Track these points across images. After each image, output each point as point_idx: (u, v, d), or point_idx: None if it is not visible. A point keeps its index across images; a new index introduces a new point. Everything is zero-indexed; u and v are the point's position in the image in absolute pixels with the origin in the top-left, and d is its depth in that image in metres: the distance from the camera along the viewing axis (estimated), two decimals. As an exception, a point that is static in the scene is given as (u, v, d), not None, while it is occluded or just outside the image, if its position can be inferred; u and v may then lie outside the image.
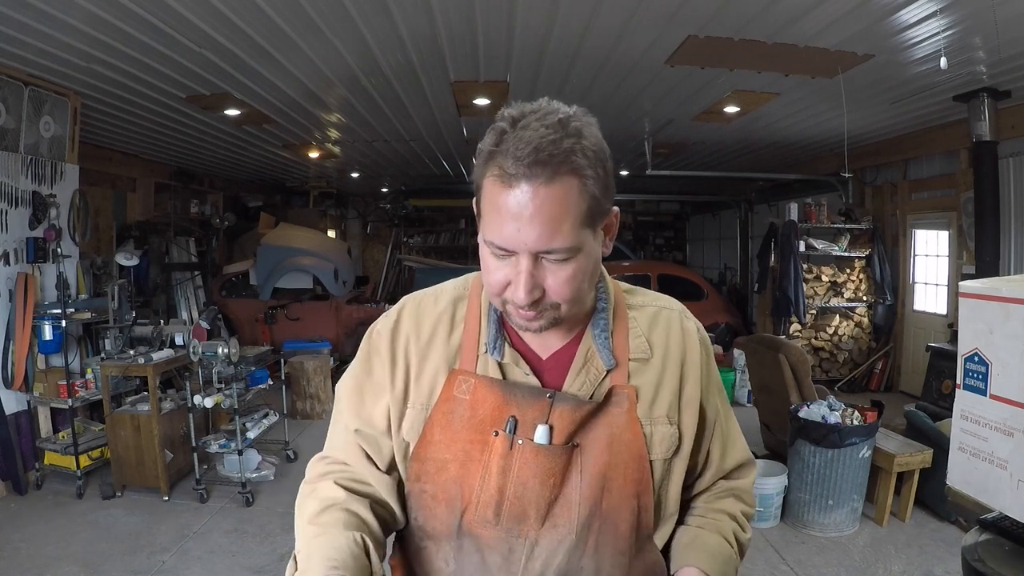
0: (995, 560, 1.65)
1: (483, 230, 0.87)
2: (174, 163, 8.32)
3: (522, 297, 0.85)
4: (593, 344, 0.98)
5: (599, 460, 0.95)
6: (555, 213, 0.82)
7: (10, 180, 4.36)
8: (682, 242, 14.65)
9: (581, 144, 0.83)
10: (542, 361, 0.99)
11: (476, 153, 0.88)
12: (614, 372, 0.97)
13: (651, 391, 0.99)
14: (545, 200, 0.81)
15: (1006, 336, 1.62)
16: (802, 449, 3.73)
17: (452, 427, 0.95)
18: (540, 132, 0.81)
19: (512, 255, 0.85)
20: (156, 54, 4.07)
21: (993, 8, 3.30)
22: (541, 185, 0.81)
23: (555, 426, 0.93)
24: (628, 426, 0.96)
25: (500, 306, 0.92)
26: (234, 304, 8.62)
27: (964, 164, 5.87)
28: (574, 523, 0.94)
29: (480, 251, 0.91)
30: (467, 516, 0.95)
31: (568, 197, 0.82)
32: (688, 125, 6.44)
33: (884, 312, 7.24)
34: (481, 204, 0.87)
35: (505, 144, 0.82)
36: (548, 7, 3.56)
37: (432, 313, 1.02)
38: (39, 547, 3.55)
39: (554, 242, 0.83)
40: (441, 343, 0.99)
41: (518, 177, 0.81)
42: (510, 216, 0.82)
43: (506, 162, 0.81)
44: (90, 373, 4.58)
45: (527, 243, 0.83)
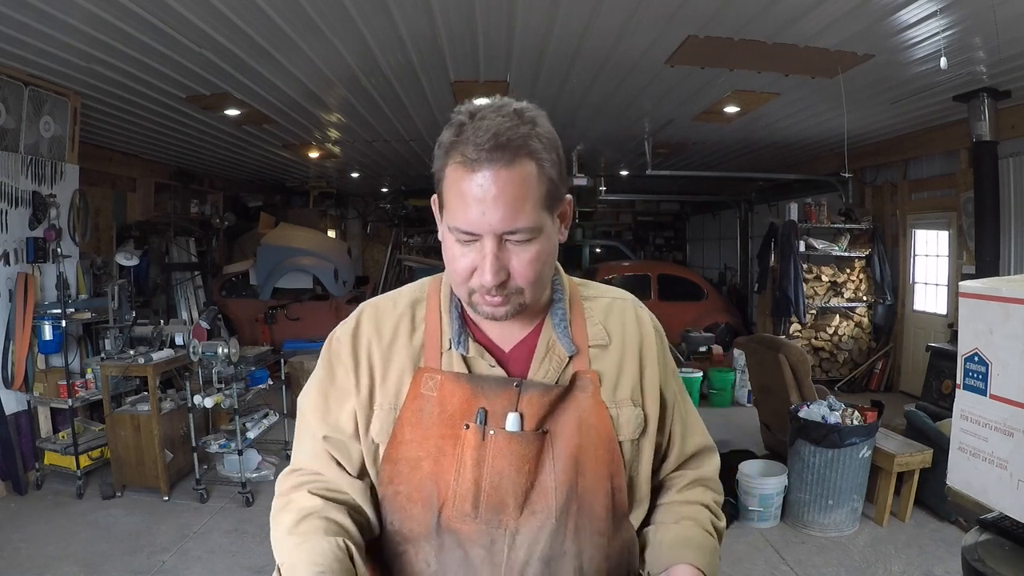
0: (995, 560, 1.65)
1: (447, 218, 0.90)
2: (174, 163, 8.32)
3: (489, 279, 0.88)
4: (553, 333, 1.01)
5: (570, 444, 0.97)
6: (517, 194, 0.86)
7: (10, 180, 4.36)
8: (682, 242, 14.65)
9: (536, 131, 0.88)
10: (505, 353, 1.01)
11: (435, 148, 0.91)
12: (576, 359, 1.00)
13: (613, 375, 1.02)
14: (507, 182, 0.85)
15: (1006, 336, 1.62)
16: (802, 449, 3.73)
17: (422, 424, 0.96)
18: (498, 121, 0.86)
19: (477, 240, 0.88)
20: (156, 54, 4.07)
21: (993, 8, 3.30)
22: (502, 168, 0.85)
23: (525, 413, 0.95)
24: (595, 409, 0.98)
25: (466, 296, 0.94)
26: (234, 304, 8.62)
27: (964, 164, 5.87)
28: (552, 508, 0.95)
29: (444, 242, 0.93)
30: (445, 512, 0.95)
31: (528, 179, 0.87)
32: (688, 125, 6.44)
33: (884, 312, 7.24)
34: (444, 194, 0.90)
35: (465, 134, 0.86)
36: (548, 7, 3.56)
37: (392, 316, 1.03)
38: (39, 547, 3.55)
39: (517, 222, 0.87)
40: (404, 344, 1.01)
41: (480, 162, 0.85)
42: (474, 200, 0.85)
43: (467, 149, 0.85)
44: (90, 373, 4.58)
45: (492, 224, 0.86)
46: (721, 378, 6.76)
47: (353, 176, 10.52)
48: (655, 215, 14.49)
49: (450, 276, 0.95)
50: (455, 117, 0.89)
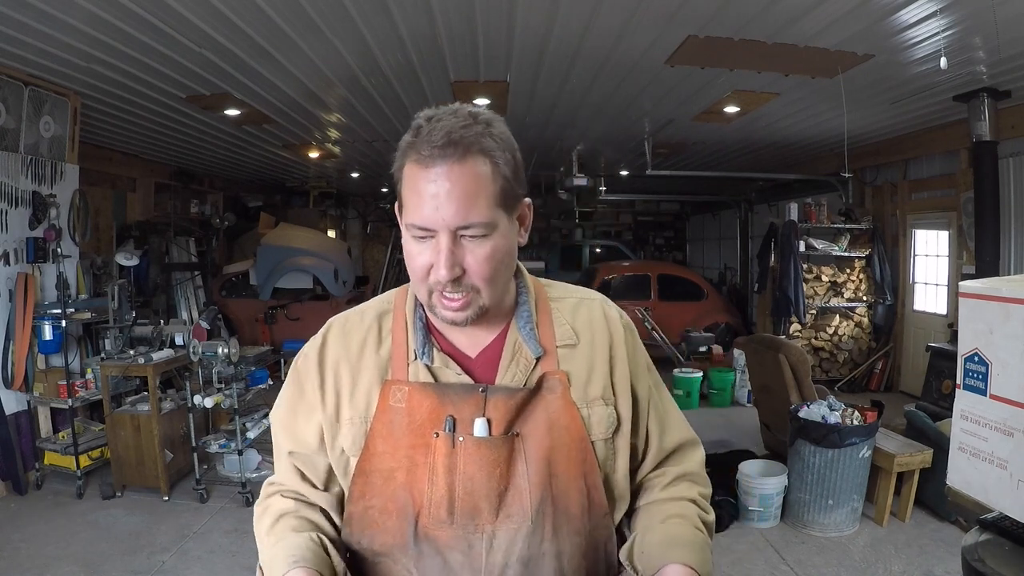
0: (995, 560, 1.65)
1: (405, 217, 0.92)
2: (174, 163, 8.32)
3: (444, 274, 0.89)
4: (519, 335, 1.01)
5: (541, 445, 0.97)
6: (469, 189, 0.88)
7: (10, 180, 4.36)
8: (682, 242, 14.65)
9: (490, 131, 0.90)
10: (472, 360, 1.01)
11: (396, 153, 0.94)
12: (543, 360, 1.00)
13: (583, 375, 1.02)
14: (460, 176, 0.87)
15: (1006, 336, 1.62)
16: (802, 449, 3.74)
17: (393, 436, 0.97)
18: (452, 121, 0.89)
19: (432, 236, 0.90)
20: (156, 54, 4.07)
21: (993, 8, 3.30)
22: (455, 163, 0.87)
23: (492, 418, 0.96)
24: (565, 410, 0.98)
25: (426, 297, 0.95)
26: (234, 304, 8.62)
27: (964, 164, 5.87)
28: (527, 510, 0.96)
29: (403, 241, 0.95)
30: (421, 521, 0.96)
31: (481, 175, 0.89)
32: (688, 125, 6.44)
33: (884, 312, 7.24)
34: (402, 193, 0.92)
35: (420, 135, 0.89)
36: (548, 7, 3.56)
37: (359, 330, 1.04)
38: (39, 547, 3.55)
39: (471, 216, 0.88)
40: (371, 357, 1.01)
41: (433, 158, 0.87)
42: (429, 196, 0.87)
43: (422, 147, 0.88)
44: (90, 373, 4.58)
45: (446, 219, 0.87)
46: (721, 378, 6.76)
47: (353, 176, 10.52)
48: (655, 215, 14.49)
49: (410, 276, 0.96)
50: (414, 122, 0.92)
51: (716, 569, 3.24)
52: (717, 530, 3.67)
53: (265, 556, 0.97)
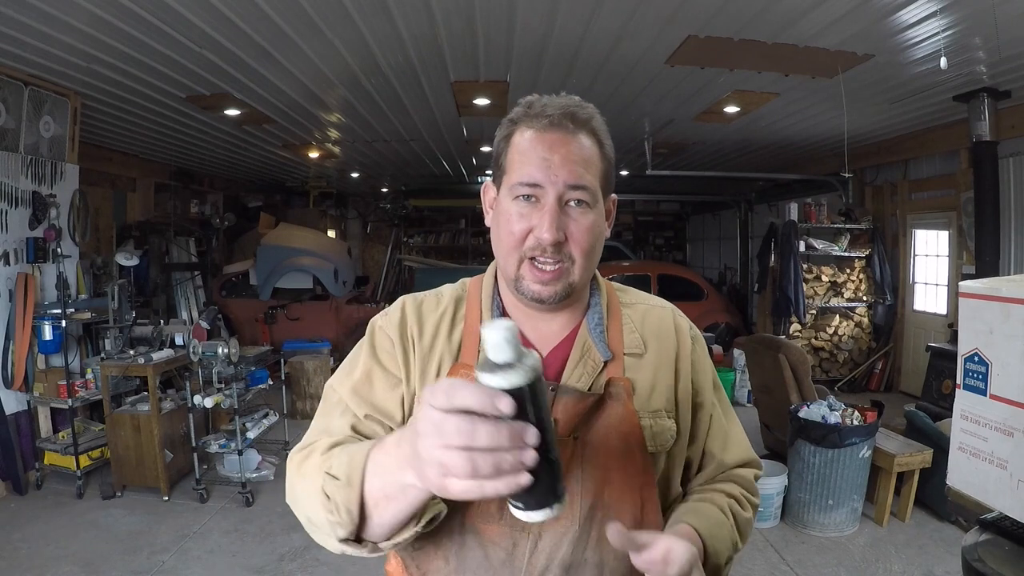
0: (995, 560, 1.65)
1: (509, 179, 0.93)
2: (174, 163, 8.32)
3: (547, 235, 0.89)
4: (589, 337, 1.00)
5: (600, 452, 0.95)
6: (581, 158, 0.91)
7: (10, 180, 4.36)
8: (682, 242, 14.64)
9: (597, 118, 0.96)
10: (543, 358, 0.99)
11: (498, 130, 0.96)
12: (611, 365, 0.99)
13: (647, 385, 1.00)
14: (574, 144, 0.91)
15: (1006, 336, 1.62)
16: (802, 449, 3.74)
17: None
18: (565, 101, 0.93)
19: (535, 199, 0.91)
20: (156, 54, 4.07)
21: (993, 8, 3.30)
22: (570, 134, 0.91)
23: (559, 419, 0.94)
24: (626, 418, 0.97)
25: (514, 268, 0.94)
26: (234, 304, 8.62)
27: (964, 164, 5.87)
28: (577, 515, 0.94)
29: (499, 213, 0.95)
30: (470, 512, 0.94)
31: (591, 149, 0.93)
32: (688, 125, 6.44)
33: (884, 312, 7.23)
34: (507, 158, 0.94)
35: (534, 109, 0.93)
36: (548, 7, 3.56)
37: (434, 312, 1.03)
38: (39, 547, 3.55)
39: (582, 179, 0.90)
40: (443, 340, 1.01)
41: (551, 126, 0.91)
42: (541, 157, 0.90)
43: (538, 118, 0.91)
44: (90, 373, 4.58)
45: (558, 175, 0.89)
46: (721, 378, 6.70)
47: (353, 176, 10.52)
48: (655, 215, 14.48)
49: (502, 247, 0.95)
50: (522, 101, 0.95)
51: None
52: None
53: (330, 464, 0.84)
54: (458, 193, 12.01)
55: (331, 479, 0.83)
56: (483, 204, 1.01)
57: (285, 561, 3.42)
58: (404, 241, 13.66)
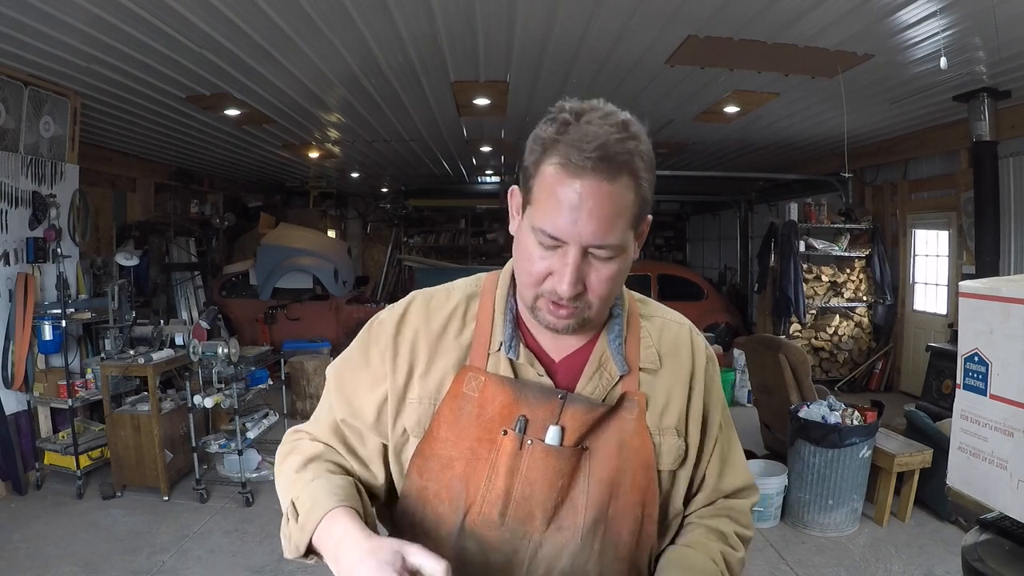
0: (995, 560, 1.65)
1: (534, 218, 0.87)
2: (174, 163, 8.32)
3: (566, 289, 0.86)
4: (608, 349, 0.98)
5: (607, 465, 0.94)
6: (613, 211, 0.84)
7: (10, 180, 4.36)
8: (682, 242, 14.64)
9: (640, 148, 0.86)
10: (555, 363, 0.98)
11: (531, 140, 0.88)
12: (626, 379, 0.98)
13: (661, 401, 0.99)
14: (607, 196, 0.83)
15: (1006, 336, 1.62)
16: (802, 449, 3.74)
17: (459, 424, 0.94)
18: (606, 129, 0.83)
19: (560, 247, 0.86)
20: (156, 54, 4.07)
21: (993, 8, 3.30)
22: (604, 181, 0.82)
23: (566, 427, 0.93)
24: (637, 433, 0.96)
25: (531, 299, 0.91)
26: (234, 304, 8.62)
27: (964, 164, 5.87)
28: (579, 527, 0.93)
29: (521, 238, 0.90)
30: (471, 516, 0.93)
31: (625, 197, 0.85)
32: (688, 125, 6.44)
33: (884, 312, 7.23)
34: (534, 191, 0.87)
35: (570, 135, 0.83)
36: (548, 7, 3.56)
37: (444, 309, 1.01)
38: (39, 547, 3.55)
39: (607, 238, 0.85)
40: (452, 339, 0.98)
41: (585, 170, 0.82)
42: (569, 207, 0.83)
43: (572, 152, 0.82)
44: (90, 373, 4.58)
45: (582, 235, 0.84)
46: (721, 378, 6.74)
47: (353, 176, 10.52)
48: (655, 215, 14.25)
49: (521, 276, 0.92)
50: (559, 115, 0.86)
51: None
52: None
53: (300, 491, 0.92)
54: (458, 193, 12.01)
55: (293, 510, 0.90)
56: (509, 207, 0.95)
57: (285, 561, 3.41)
58: (404, 241, 13.66)
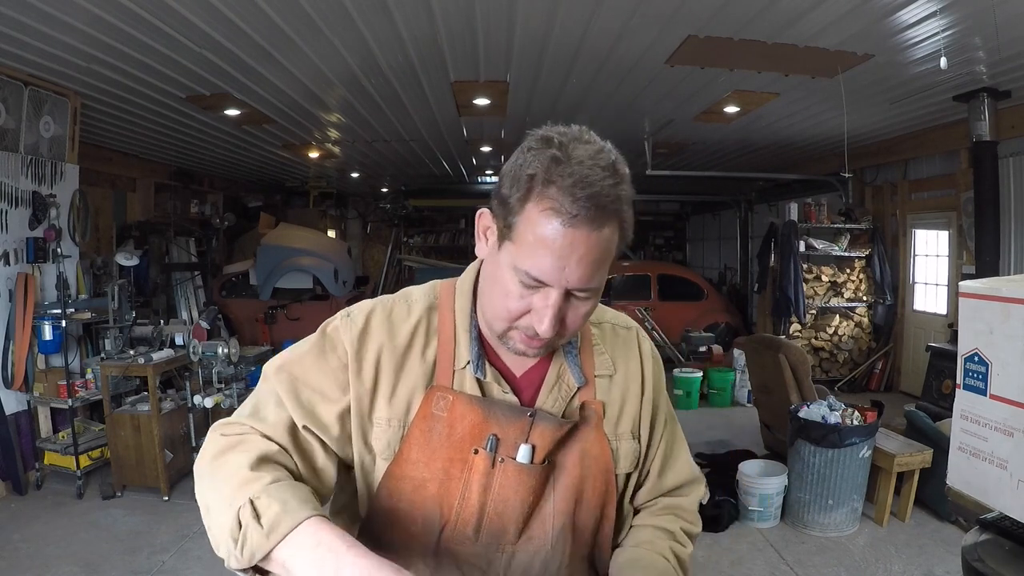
0: (995, 560, 1.65)
1: (516, 257, 0.84)
2: (174, 163, 8.32)
3: (547, 330, 0.85)
4: (565, 361, 1.00)
5: (572, 475, 0.97)
6: (600, 257, 0.84)
7: (10, 180, 4.36)
8: (682, 242, 14.64)
9: (627, 192, 0.85)
10: (517, 379, 0.99)
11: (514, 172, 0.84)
12: (583, 389, 1.00)
13: (616, 407, 1.02)
14: (595, 245, 0.82)
15: (1006, 336, 1.62)
16: (802, 449, 3.73)
17: (430, 445, 0.93)
18: (597, 174, 0.80)
19: (542, 288, 0.85)
20: (156, 54, 4.07)
21: (993, 8, 3.30)
22: (594, 231, 0.81)
23: (536, 445, 0.94)
24: (597, 441, 0.99)
25: (502, 331, 0.90)
26: (234, 304, 8.62)
27: (964, 164, 5.87)
28: (549, 535, 0.97)
29: (498, 274, 0.88)
30: (445, 534, 0.94)
31: (611, 243, 0.85)
32: (688, 125, 6.44)
33: (884, 312, 7.24)
34: (518, 228, 0.83)
35: (559, 176, 0.80)
36: (548, 7, 3.56)
37: (408, 323, 0.98)
38: (39, 547, 3.55)
39: (592, 282, 0.85)
40: (418, 356, 0.96)
41: (576, 219, 0.80)
42: (557, 254, 0.81)
43: (564, 200, 0.80)
44: (90, 373, 4.58)
45: (569, 281, 0.83)
46: (721, 378, 6.76)
47: (353, 176, 10.52)
48: (655, 215, 14.48)
49: (495, 310, 0.90)
50: (547, 149, 0.82)
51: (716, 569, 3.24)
52: (717, 530, 3.71)
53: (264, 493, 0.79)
54: (458, 193, 12.00)
55: (253, 515, 0.77)
56: (476, 230, 0.92)
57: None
58: (404, 241, 13.66)
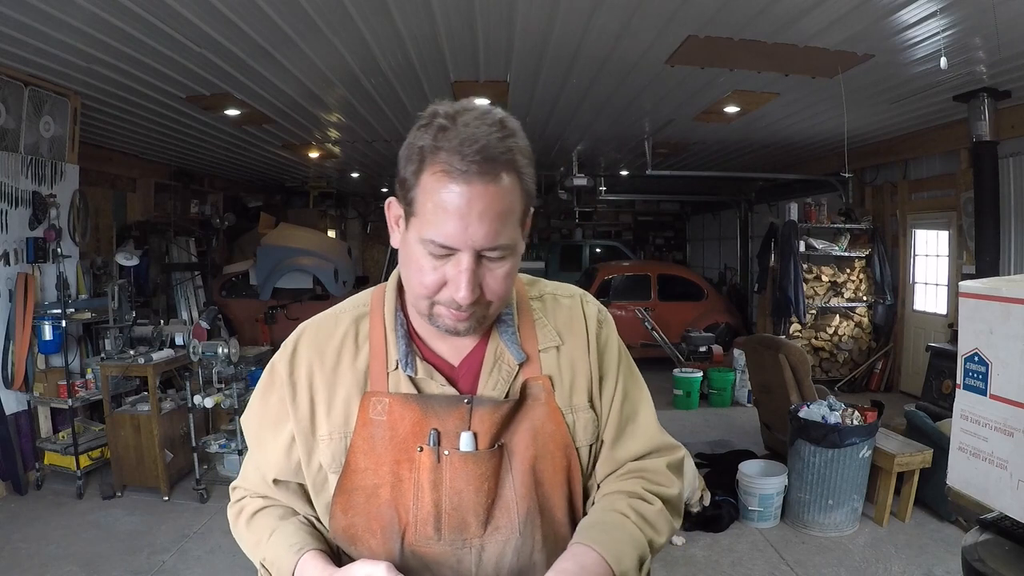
0: (995, 560, 1.65)
1: (420, 228, 0.84)
2: (174, 163, 8.32)
3: (466, 295, 0.84)
4: (501, 341, 0.97)
5: (526, 456, 0.94)
6: (501, 210, 0.82)
7: (10, 180, 4.36)
8: (682, 242, 14.65)
9: (519, 144, 0.85)
10: (454, 368, 0.97)
11: (407, 151, 0.86)
12: (526, 366, 0.97)
13: (567, 379, 0.98)
14: (494, 198, 0.81)
15: (1006, 336, 1.62)
16: (802, 449, 3.73)
17: (375, 451, 0.93)
18: (484, 130, 0.81)
19: (451, 255, 0.84)
20: (156, 54, 4.07)
21: (993, 8, 3.30)
22: (490, 183, 0.81)
23: (478, 431, 0.92)
24: (549, 417, 0.95)
25: (426, 308, 0.89)
26: (234, 304, 8.62)
27: (964, 164, 5.87)
28: (515, 522, 0.93)
29: (407, 252, 0.88)
30: (408, 538, 0.93)
31: (512, 195, 0.84)
32: (688, 125, 6.44)
33: (884, 312, 7.24)
34: (418, 201, 0.84)
35: (447, 140, 0.81)
36: (548, 7, 3.56)
37: (335, 337, 0.98)
38: (39, 547, 3.55)
39: (500, 239, 0.83)
40: (348, 367, 0.96)
41: (468, 174, 0.80)
42: (457, 214, 0.81)
43: (452, 158, 0.80)
44: (90, 373, 4.58)
45: (474, 240, 0.82)
46: (721, 378, 6.76)
47: (353, 176, 10.52)
48: (655, 215, 14.49)
49: (413, 288, 0.90)
50: (434, 120, 0.84)
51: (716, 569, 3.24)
52: (717, 530, 3.70)
53: (265, 553, 0.95)
54: (458, 193, 11.95)
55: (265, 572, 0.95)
56: (388, 222, 0.92)
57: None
58: (404, 241, 13.64)
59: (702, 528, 3.73)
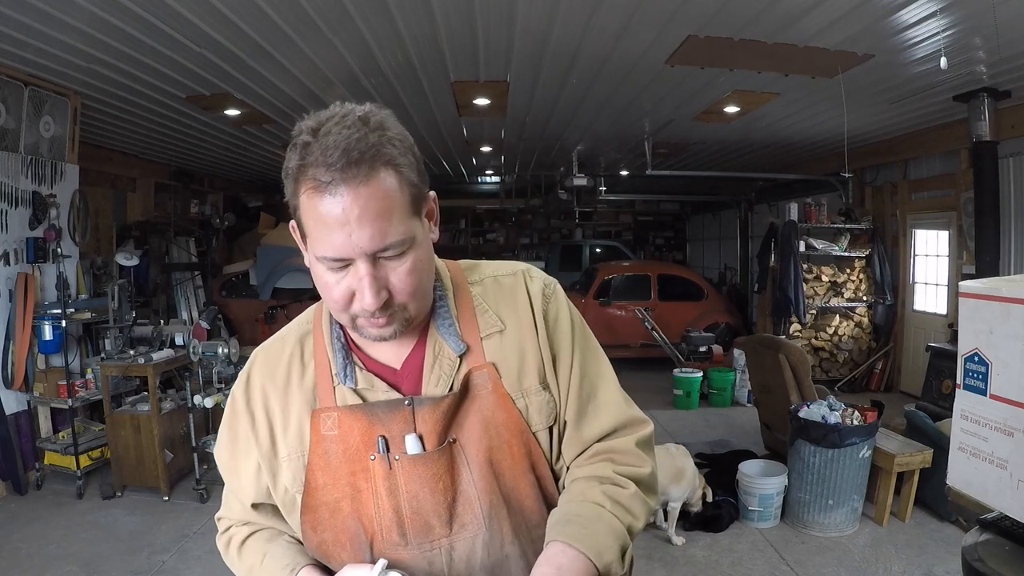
0: (995, 560, 1.65)
1: (312, 248, 0.84)
2: (174, 163, 8.32)
3: (371, 302, 0.83)
4: (439, 335, 0.95)
5: (480, 447, 0.92)
6: (381, 209, 0.81)
7: (10, 180, 4.36)
8: (682, 242, 14.65)
9: (387, 135, 0.83)
10: (397, 372, 0.96)
11: (283, 175, 0.85)
12: (468, 356, 0.94)
13: (515, 362, 0.95)
14: (369, 199, 0.80)
15: (1006, 336, 1.62)
16: (802, 449, 3.74)
17: (331, 466, 0.93)
18: (344, 134, 0.80)
19: (348, 264, 0.83)
20: (156, 54, 4.07)
21: (993, 8, 3.30)
22: (361, 185, 0.79)
23: (423, 431, 0.91)
24: (499, 405, 0.93)
25: (349, 322, 0.89)
26: (234, 304, 8.62)
27: (964, 164, 5.87)
28: (480, 517, 0.92)
29: (314, 272, 0.88)
30: (376, 547, 0.93)
31: (390, 191, 0.82)
32: (688, 125, 6.44)
33: (884, 312, 7.23)
34: (303, 223, 0.84)
35: (311, 155, 0.80)
36: (548, 7, 3.56)
37: (282, 358, 0.99)
38: (39, 547, 3.55)
39: (388, 238, 0.82)
40: (296, 386, 0.97)
41: (335, 183, 0.79)
42: (337, 224, 0.80)
43: (318, 172, 0.79)
44: (90, 373, 4.58)
45: (362, 246, 0.81)
46: (721, 378, 6.76)
47: (353, 176, 10.50)
48: (655, 215, 14.49)
49: (329, 305, 0.90)
50: (298, 138, 0.83)
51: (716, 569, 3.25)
52: (717, 530, 3.70)
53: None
54: (458, 193, 12.00)
55: None
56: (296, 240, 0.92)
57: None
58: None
59: (702, 528, 3.73)
